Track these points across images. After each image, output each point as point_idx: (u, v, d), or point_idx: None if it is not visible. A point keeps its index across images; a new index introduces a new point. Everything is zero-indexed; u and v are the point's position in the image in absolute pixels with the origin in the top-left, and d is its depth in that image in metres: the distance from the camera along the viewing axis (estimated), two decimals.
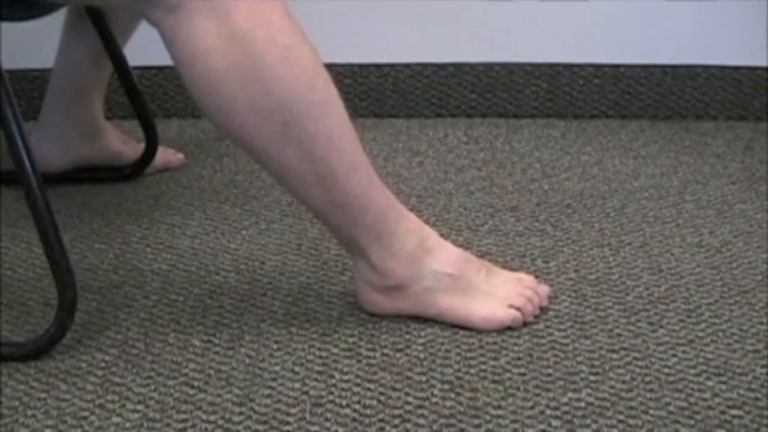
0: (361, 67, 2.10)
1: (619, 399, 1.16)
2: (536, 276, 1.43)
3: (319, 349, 1.27)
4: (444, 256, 1.31)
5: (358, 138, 1.26)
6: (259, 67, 1.19)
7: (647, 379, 1.19)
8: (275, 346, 1.27)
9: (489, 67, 2.11)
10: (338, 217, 1.27)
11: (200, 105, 1.23)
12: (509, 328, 1.29)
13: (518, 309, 1.30)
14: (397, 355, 1.25)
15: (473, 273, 1.31)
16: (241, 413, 1.14)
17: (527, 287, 1.33)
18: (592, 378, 1.20)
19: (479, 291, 1.30)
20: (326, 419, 1.13)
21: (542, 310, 1.34)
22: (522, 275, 1.36)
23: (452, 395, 1.17)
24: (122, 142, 1.82)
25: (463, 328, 1.30)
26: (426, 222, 1.34)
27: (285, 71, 1.20)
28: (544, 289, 1.36)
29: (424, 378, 1.20)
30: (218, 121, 1.23)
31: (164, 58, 1.23)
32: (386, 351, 1.26)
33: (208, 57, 1.18)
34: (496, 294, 1.31)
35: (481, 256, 1.46)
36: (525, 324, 1.30)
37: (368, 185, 1.27)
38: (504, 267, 1.40)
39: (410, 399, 1.16)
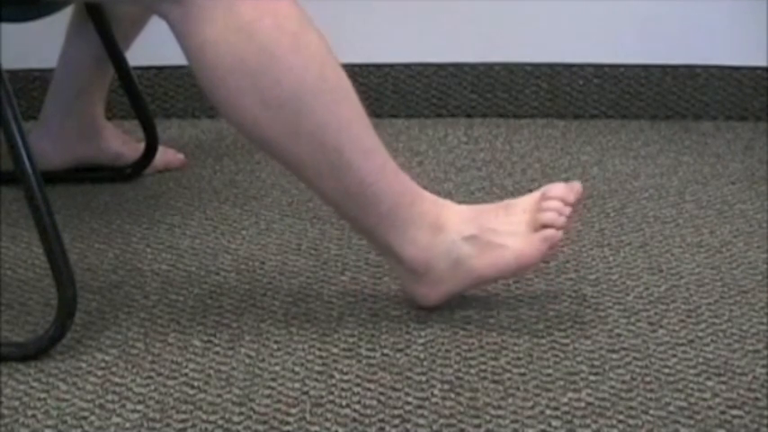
0: (361, 67, 2.10)
1: (619, 399, 1.16)
2: (536, 276, 1.43)
3: (319, 349, 1.27)
4: (457, 222, 1.28)
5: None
6: (267, 59, 1.18)
7: (647, 379, 1.19)
8: (275, 346, 1.27)
9: (489, 67, 2.11)
10: (353, 207, 1.26)
11: (211, 99, 1.22)
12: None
13: (547, 226, 1.26)
14: (397, 355, 1.25)
15: (492, 221, 1.28)
16: (241, 413, 1.14)
17: (549, 198, 1.28)
18: (592, 378, 1.20)
19: (505, 233, 1.27)
20: (326, 419, 1.13)
21: (574, 210, 1.28)
22: (543, 189, 1.30)
23: (452, 395, 1.17)
24: (122, 142, 1.82)
25: (463, 328, 1.30)
26: None
27: (294, 60, 1.19)
28: (573, 188, 1.29)
29: (424, 378, 1.20)
30: (229, 114, 1.22)
31: (164, 58, 1.24)
32: (386, 351, 1.26)
33: (215, 48, 1.18)
34: (520, 228, 1.27)
35: None
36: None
37: (381, 171, 1.25)
38: None
39: (410, 399, 1.16)
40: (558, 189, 1.29)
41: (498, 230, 1.28)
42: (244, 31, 1.17)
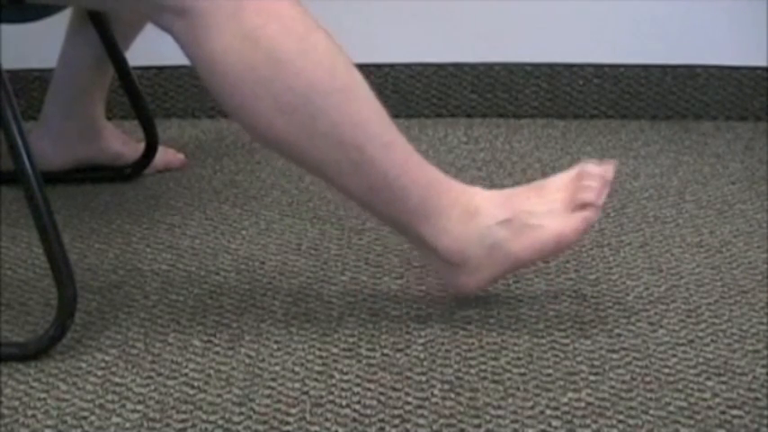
0: (362, 67, 2.08)
1: (619, 399, 1.16)
2: (536, 276, 1.43)
3: (319, 349, 1.26)
4: (489, 208, 1.27)
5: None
6: (276, 64, 1.18)
7: (647, 379, 1.19)
8: (275, 346, 1.27)
9: (489, 67, 2.11)
10: (381, 202, 1.25)
11: (224, 108, 1.22)
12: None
13: (586, 205, 1.24)
14: (397, 355, 1.25)
15: (525, 203, 1.27)
16: (241, 413, 1.14)
17: (586, 177, 1.27)
18: (592, 378, 1.20)
19: (540, 214, 1.26)
20: (326, 419, 1.13)
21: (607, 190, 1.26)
22: (578, 168, 1.28)
23: (452, 395, 1.17)
24: (122, 143, 1.82)
25: (463, 328, 1.30)
26: None
27: (303, 63, 1.19)
28: (608, 168, 1.27)
29: (424, 378, 1.20)
30: (245, 123, 1.22)
31: (164, 59, 1.23)
32: (386, 351, 1.26)
33: (224, 58, 1.17)
34: (556, 207, 1.26)
35: None
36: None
37: (405, 163, 1.24)
38: None
39: (410, 399, 1.16)
40: (596, 168, 1.27)
41: (534, 212, 1.26)
42: (250, 38, 1.17)
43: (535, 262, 1.29)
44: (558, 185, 1.28)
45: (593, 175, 1.27)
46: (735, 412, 1.13)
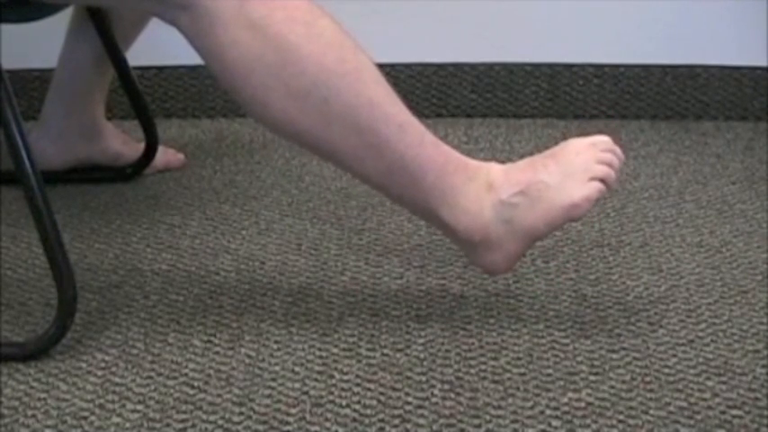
0: None
1: (619, 399, 1.16)
2: (536, 276, 1.44)
3: (319, 349, 1.27)
4: (503, 181, 1.26)
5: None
6: (285, 50, 1.18)
7: (647, 379, 1.19)
8: (275, 346, 1.27)
9: (489, 67, 2.11)
10: (399, 184, 1.25)
11: (237, 100, 1.22)
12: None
13: (601, 180, 1.23)
14: (397, 355, 1.25)
15: (540, 172, 1.25)
16: (241, 413, 1.14)
17: (604, 150, 1.25)
18: (592, 378, 1.20)
19: (555, 185, 1.24)
20: (326, 419, 1.13)
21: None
22: (596, 139, 1.27)
23: (452, 395, 1.17)
24: (122, 142, 1.82)
25: (463, 328, 1.30)
26: None
27: (311, 48, 1.19)
28: (618, 150, 1.27)
29: (424, 378, 1.20)
30: (258, 113, 1.21)
31: (164, 58, 1.23)
32: (386, 351, 1.26)
33: (232, 49, 1.18)
34: (573, 173, 1.24)
35: None
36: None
37: (420, 144, 1.24)
38: None
39: (410, 399, 1.16)
40: (610, 143, 1.26)
41: (548, 182, 1.24)
42: (257, 27, 1.17)
43: (551, 232, 1.26)
44: (577, 149, 1.26)
45: (612, 148, 1.26)
46: (735, 412, 1.13)
